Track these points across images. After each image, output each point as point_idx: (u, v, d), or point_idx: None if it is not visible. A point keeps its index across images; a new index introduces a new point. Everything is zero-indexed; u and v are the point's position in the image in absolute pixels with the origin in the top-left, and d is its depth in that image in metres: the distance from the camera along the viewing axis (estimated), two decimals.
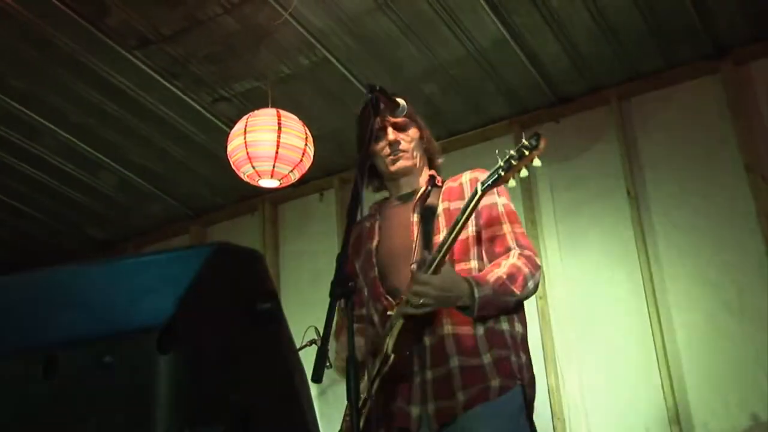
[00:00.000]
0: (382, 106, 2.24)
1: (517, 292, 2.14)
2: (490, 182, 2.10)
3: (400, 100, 2.32)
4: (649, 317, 3.80)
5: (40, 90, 4.09)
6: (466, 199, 2.24)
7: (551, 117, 4.38)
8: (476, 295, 2.06)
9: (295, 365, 1.07)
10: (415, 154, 2.40)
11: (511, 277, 2.14)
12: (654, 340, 3.76)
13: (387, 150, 2.38)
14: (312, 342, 4.06)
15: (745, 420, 3.51)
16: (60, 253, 5.63)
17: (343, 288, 1.78)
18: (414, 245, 2.26)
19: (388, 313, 2.22)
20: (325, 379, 1.70)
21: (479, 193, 2.10)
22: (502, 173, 2.07)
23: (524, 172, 2.07)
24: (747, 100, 3.95)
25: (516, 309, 2.25)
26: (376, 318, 2.34)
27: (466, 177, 2.36)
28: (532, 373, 2.20)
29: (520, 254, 2.20)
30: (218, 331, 0.95)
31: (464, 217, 2.11)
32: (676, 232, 3.94)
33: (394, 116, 2.34)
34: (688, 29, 3.85)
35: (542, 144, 2.01)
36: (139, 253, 5.23)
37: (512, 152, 2.05)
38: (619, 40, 3.92)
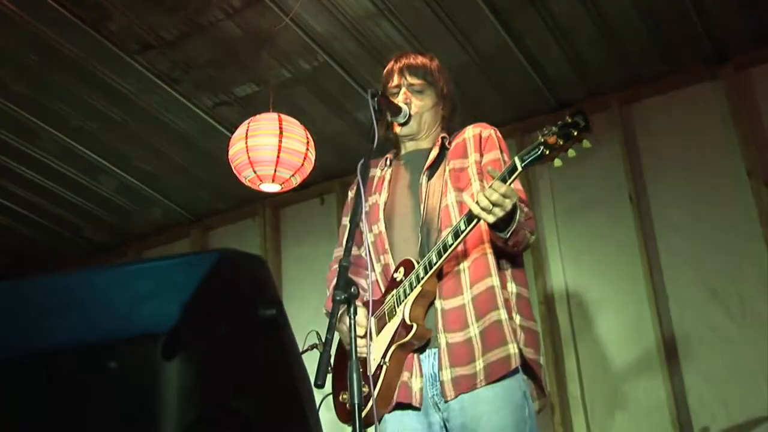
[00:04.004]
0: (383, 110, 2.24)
1: (532, 234, 2.14)
2: (530, 159, 1.95)
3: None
4: (651, 321, 3.79)
5: (41, 94, 4.10)
6: (470, 156, 2.23)
7: (553, 122, 4.36)
8: (517, 216, 2.01)
9: (298, 371, 1.07)
10: (423, 120, 2.35)
11: (531, 218, 2.15)
12: (656, 343, 3.76)
13: None
14: (313, 346, 4.04)
15: (745, 424, 3.50)
16: (59, 256, 5.62)
17: (345, 293, 1.78)
18: (421, 208, 2.23)
19: (394, 275, 2.19)
20: (327, 383, 1.69)
21: (519, 169, 1.95)
22: (547, 151, 1.92)
23: (572, 153, 1.91)
24: (748, 105, 3.95)
25: (521, 261, 2.24)
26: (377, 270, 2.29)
27: (468, 132, 2.32)
28: (537, 335, 2.17)
29: None
30: (222, 337, 0.95)
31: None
32: (678, 237, 3.94)
33: (396, 121, 2.33)
34: (689, 35, 3.86)
35: (591, 124, 1.86)
36: (143, 258, 5.23)
37: (554, 129, 1.92)
38: (621, 45, 3.92)
